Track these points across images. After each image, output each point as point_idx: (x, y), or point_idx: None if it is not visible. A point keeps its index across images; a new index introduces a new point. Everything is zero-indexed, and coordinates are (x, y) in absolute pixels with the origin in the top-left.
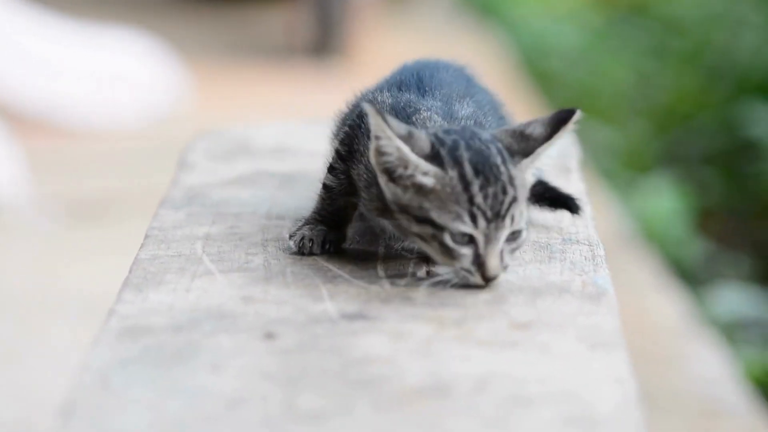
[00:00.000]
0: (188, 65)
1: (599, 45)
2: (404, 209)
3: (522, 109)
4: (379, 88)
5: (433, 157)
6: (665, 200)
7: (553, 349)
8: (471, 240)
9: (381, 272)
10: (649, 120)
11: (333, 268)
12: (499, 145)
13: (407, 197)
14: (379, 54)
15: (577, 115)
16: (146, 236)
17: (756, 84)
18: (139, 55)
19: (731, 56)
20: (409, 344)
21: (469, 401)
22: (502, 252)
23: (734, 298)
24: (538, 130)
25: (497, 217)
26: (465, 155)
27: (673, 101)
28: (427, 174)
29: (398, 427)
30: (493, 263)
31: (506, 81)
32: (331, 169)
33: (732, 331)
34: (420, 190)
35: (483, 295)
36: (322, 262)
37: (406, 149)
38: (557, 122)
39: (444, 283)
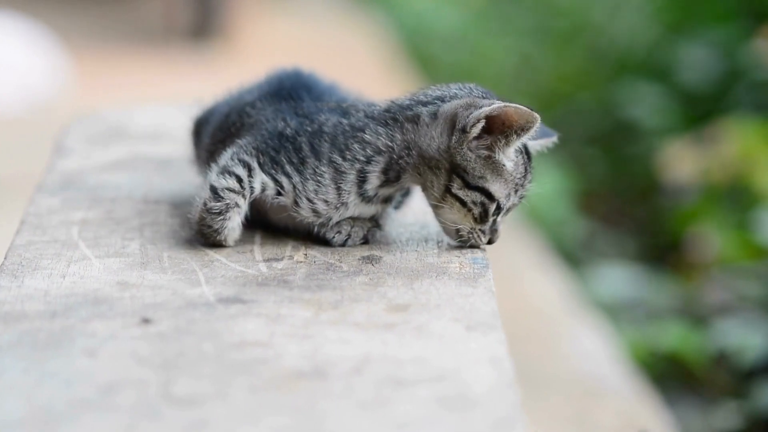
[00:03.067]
0: (68, 50)
1: (480, 26)
2: (460, 174)
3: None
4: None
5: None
6: (547, 180)
7: (429, 331)
8: (498, 209)
9: (258, 256)
10: (531, 100)
11: (210, 252)
12: None
13: (475, 165)
14: (259, 38)
15: (554, 139)
16: (22, 222)
17: (635, 64)
18: (17, 40)
19: (610, 36)
20: (286, 327)
21: (346, 383)
22: None
23: (616, 278)
24: None
25: (522, 197)
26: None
27: (554, 82)
28: (510, 158)
29: (274, 410)
30: (500, 229)
31: (386, 64)
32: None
33: (614, 311)
34: (494, 164)
35: (360, 278)
36: (199, 246)
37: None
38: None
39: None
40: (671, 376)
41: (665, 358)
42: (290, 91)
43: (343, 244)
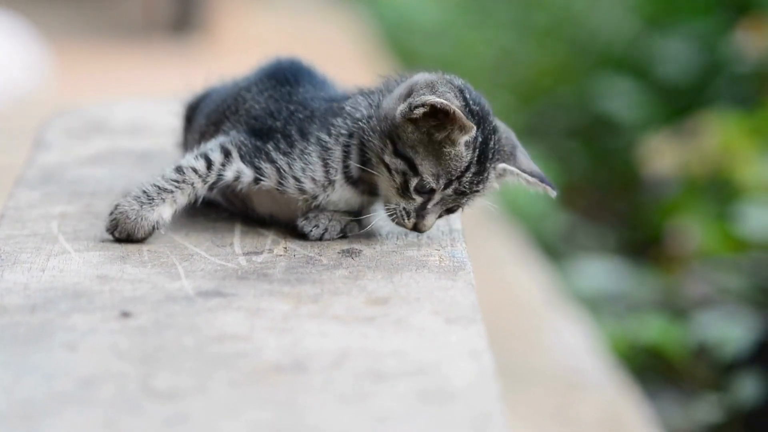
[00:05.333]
0: (48, 44)
1: (461, 19)
2: (393, 139)
3: None
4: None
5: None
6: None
7: (409, 324)
8: (428, 193)
9: (238, 249)
10: (512, 93)
11: (189, 245)
12: (499, 140)
13: (412, 136)
14: (240, 32)
15: (553, 194)
16: (1, 216)
17: (615, 57)
18: None
19: (590, 30)
20: (265, 321)
21: (326, 377)
22: (438, 215)
23: (597, 271)
24: (523, 162)
25: (461, 194)
26: (479, 142)
27: (534, 75)
28: (456, 147)
29: (254, 403)
30: (430, 220)
31: (367, 57)
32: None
33: (595, 304)
34: (431, 140)
35: (340, 271)
36: (178, 239)
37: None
38: (540, 176)
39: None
40: (652, 369)
41: (646, 351)
42: (288, 74)
43: (320, 238)
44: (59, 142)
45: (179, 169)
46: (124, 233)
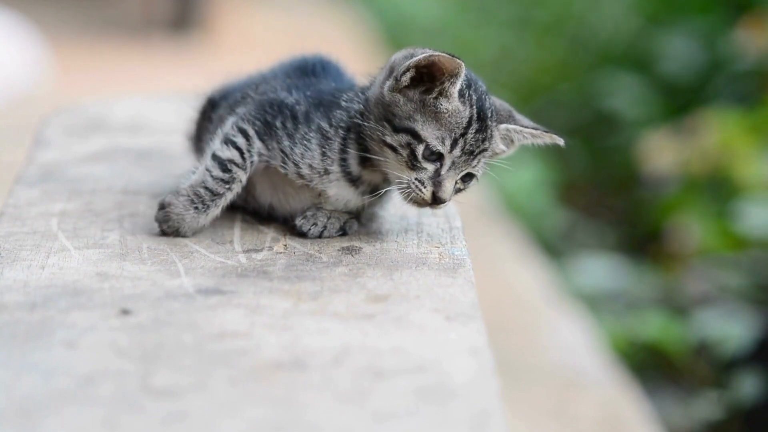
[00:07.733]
0: (48, 42)
1: (461, 17)
2: (389, 118)
3: None
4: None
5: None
6: (527, 172)
7: (409, 321)
8: (438, 160)
9: (237, 246)
10: (512, 91)
11: (189, 243)
12: (494, 104)
13: (405, 107)
14: (240, 30)
15: (560, 142)
16: (1, 214)
17: (616, 55)
18: None
19: (591, 27)
20: (265, 318)
21: (325, 374)
22: (456, 183)
23: (597, 269)
24: (524, 121)
25: (470, 155)
26: (474, 99)
27: (534, 73)
28: (450, 102)
29: (253, 401)
30: (447, 186)
31: (367, 55)
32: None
33: (594, 301)
34: (425, 105)
35: (340, 269)
36: (178, 237)
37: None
38: (543, 128)
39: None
40: (651, 366)
41: (645, 348)
42: (315, 66)
43: (319, 236)
44: (58, 140)
45: (222, 165)
46: (172, 228)
